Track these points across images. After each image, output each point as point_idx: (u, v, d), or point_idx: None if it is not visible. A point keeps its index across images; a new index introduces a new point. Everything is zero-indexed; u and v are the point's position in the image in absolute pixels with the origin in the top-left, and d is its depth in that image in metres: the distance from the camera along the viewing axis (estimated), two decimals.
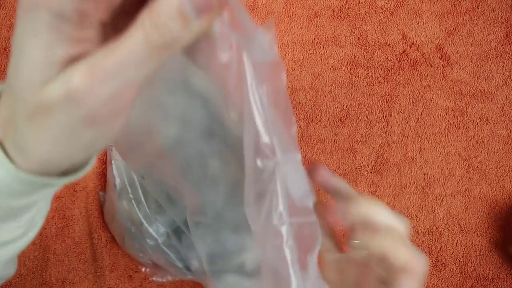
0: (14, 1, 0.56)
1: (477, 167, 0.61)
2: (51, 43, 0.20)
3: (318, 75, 0.61)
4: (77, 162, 0.25)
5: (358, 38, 0.60)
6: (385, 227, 0.34)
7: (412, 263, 0.32)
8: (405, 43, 0.60)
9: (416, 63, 0.60)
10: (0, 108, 0.23)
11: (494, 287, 0.61)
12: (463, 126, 0.61)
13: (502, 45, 0.60)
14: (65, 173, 0.25)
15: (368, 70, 0.60)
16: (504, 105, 0.61)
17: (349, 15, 0.60)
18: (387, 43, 0.60)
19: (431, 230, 0.62)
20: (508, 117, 0.61)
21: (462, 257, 0.61)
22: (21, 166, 0.24)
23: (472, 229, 0.61)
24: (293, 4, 0.59)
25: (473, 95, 0.61)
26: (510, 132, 0.61)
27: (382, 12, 0.60)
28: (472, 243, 0.62)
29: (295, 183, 0.30)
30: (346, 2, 0.60)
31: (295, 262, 0.28)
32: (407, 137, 0.61)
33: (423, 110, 0.61)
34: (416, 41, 0.60)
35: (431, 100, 0.61)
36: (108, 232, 0.59)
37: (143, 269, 0.60)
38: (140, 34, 0.19)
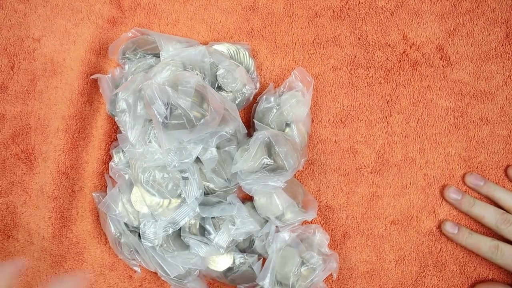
0: (14, 1, 0.56)
1: (477, 167, 0.61)
2: None
3: (319, 75, 0.60)
4: None
5: (359, 39, 0.60)
6: None
7: None
8: (406, 43, 0.60)
9: (417, 64, 0.60)
10: None
11: None
12: (464, 127, 0.61)
13: (503, 45, 0.60)
14: None
15: (368, 70, 0.60)
16: (504, 106, 0.61)
17: (349, 16, 0.60)
18: (387, 43, 0.60)
19: (431, 231, 0.61)
20: (509, 117, 0.61)
21: (463, 257, 0.61)
22: None
23: (472, 229, 0.61)
24: (293, 4, 0.59)
25: (473, 95, 0.61)
26: (510, 132, 0.61)
27: (382, 13, 0.60)
28: None
29: None
30: (347, 2, 0.59)
31: None
32: (407, 137, 0.61)
33: (423, 111, 0.61)
34: (416, 42, 0.60)
35: (431, 101, 0.61)
36: None
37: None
38: None
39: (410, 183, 0.61)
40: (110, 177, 0.57)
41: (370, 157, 0.61)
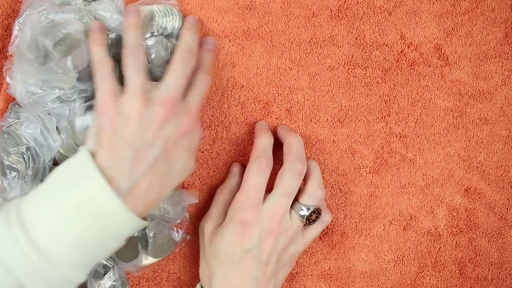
0: (11, 1, 0.56)
1: (477, 167, 0.61)
2: None
3: (316, 74, 0.60)
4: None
5: (356, 38, 0.60)
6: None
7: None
8: (403, 43, 0.60)
9: (414, 63, 0.60)
10: None
11: None
12: (463, 127, 0.61)
13: (501, 45, 0.60)
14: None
15: (366, 70, 0.60)
16: (503, 105, 0.60)
17: (347, 15, 0.60)
18: (385, 43, 0.60)
19: (430, 231, 0.61)
20: (508, 117, 0.60)
21: (462, 258, 0.61)
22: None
23: (471, 229, 0.61)
24: (291, 3, 0.59)
25: (472, 95, 0.60)
26: (509, 132, 0.61)
27: (380, 12, 0.60)
28: (471, 243, 0.61)
29: None
30: (345, 2, 0.59)
31: None
32: (406, 137, 0.61)
33: (422, 111, 0.61)
34: (414, 41, 0.60)
35: (429, 101, 0.61)
36: None
37: None
38: None
39: (409, 183, 0.61)
40: None
41: (368, 157, 0.61)
